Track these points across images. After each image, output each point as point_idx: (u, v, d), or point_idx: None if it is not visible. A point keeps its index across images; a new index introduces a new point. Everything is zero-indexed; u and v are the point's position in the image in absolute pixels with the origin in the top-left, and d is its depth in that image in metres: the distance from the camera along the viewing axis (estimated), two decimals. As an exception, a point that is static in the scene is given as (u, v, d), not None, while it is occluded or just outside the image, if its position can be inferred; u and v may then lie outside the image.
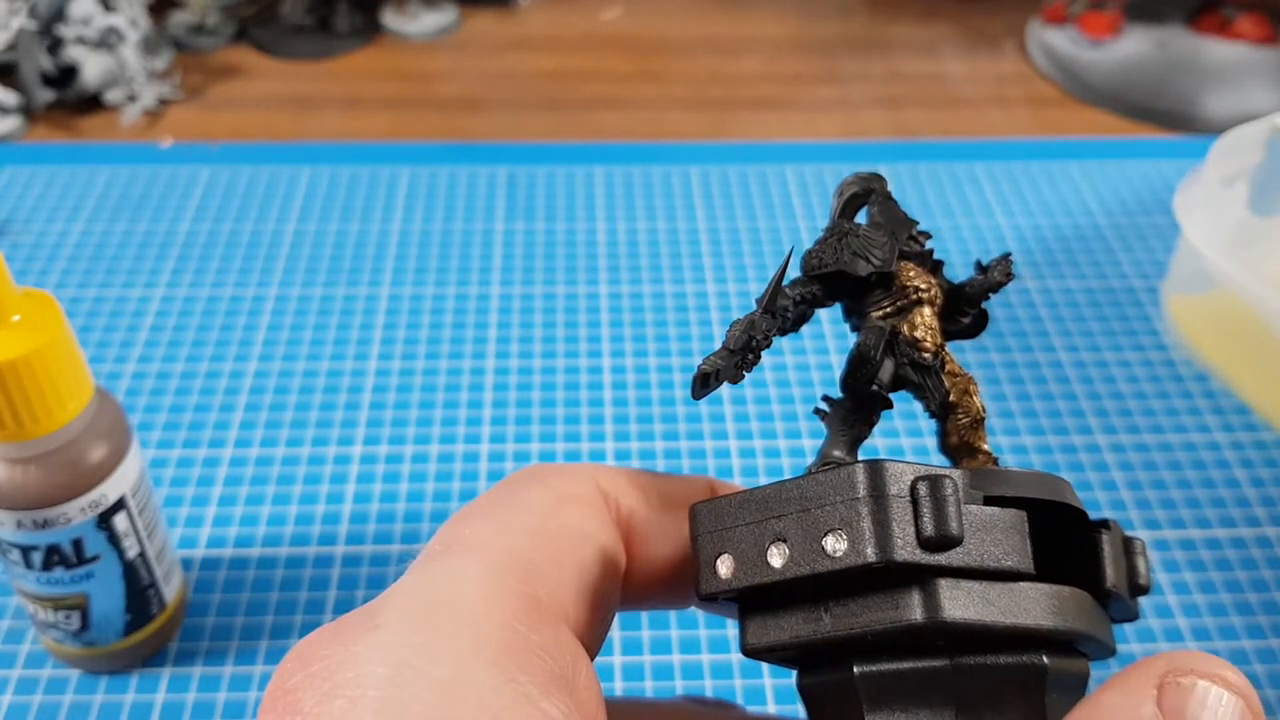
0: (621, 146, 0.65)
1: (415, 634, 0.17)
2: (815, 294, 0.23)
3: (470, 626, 0.17)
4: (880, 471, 0.18)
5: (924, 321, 0.22)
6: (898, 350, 0.22)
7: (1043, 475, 0.20)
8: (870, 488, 0.18)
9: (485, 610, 0.18)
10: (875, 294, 0.23)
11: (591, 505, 0.21)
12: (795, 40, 0.77)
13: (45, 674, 0.38)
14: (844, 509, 0.18)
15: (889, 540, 0.18)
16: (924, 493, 0.18)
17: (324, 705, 0.16)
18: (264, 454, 0.46)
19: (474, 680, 0.16)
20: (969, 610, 0.18)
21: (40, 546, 0.33)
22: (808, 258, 0.23)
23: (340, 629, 0.18)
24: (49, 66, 0.65)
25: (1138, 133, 0.68)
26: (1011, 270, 0.23)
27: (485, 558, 0.19)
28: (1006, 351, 0.51)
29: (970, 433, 0.22)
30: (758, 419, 0.48)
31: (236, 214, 0.59)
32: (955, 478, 0.18)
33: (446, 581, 0.18)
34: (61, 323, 0.31)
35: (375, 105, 0.69)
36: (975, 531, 0.18)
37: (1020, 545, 0.19)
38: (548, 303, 0.53)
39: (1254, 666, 0.39)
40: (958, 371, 0.22)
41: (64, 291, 0.53)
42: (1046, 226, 0.59)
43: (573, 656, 0.19)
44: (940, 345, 0.22)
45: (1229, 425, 0.48)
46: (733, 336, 0.22)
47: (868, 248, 0.22)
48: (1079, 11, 0.74)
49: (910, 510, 0.18)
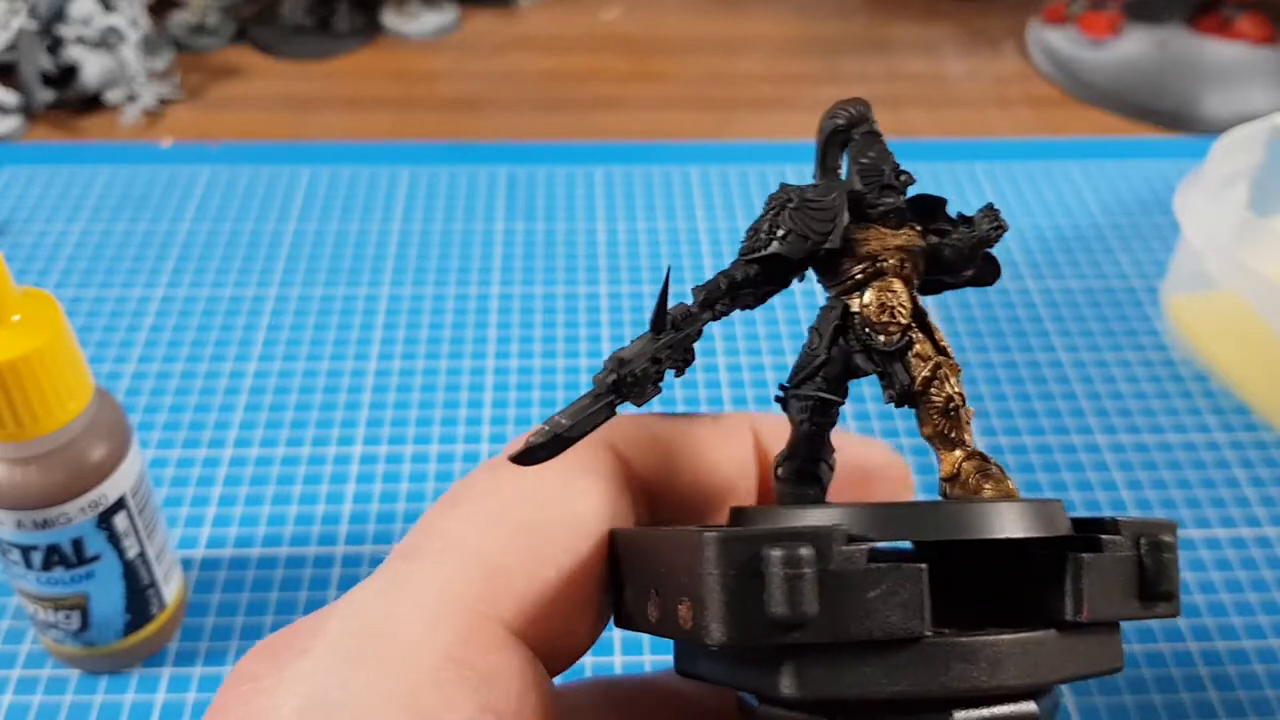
0: (621, 146, 0.65)
1: (338, 664, 0.17)
2: (752, 277, 0.20)
3: (398, 658, 0.17)
4: (727, 543, 0.16)
5: (884, 298, 0.20)
6: (851, 333, 0.20)
7: (974, 507, 0.18)
8: (716, 561, 0.16)
9: (420, 639, 0.17)
10: (840, 263, 0.20)
11: (600, 482, 0.20)
12: (795, 40, 0.77)
13: (45, 674, 0.38)
14: (695, 578, 0.17)
15: (731, 621, 0.16)
16: (774, 565, 0.16)
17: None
18: (264, 454, 0.46)
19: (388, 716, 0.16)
20: (838, 686, 0.16)
21: (40, 546, 0.33)
22: (748, 235, 0.20)
23: (276, 647, 0.18)
24: (49, 66, 0.65)
25: (1138, 133, 0.68)
26: (1000, 220, 0.20)
27: (446, 567, 0.18)
28: (1006, 351, 0.51)
29: (945, 423, 0.20)
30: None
31: (236, 214, 0.59)
32: (819, 541, 0.16)
33: (391, 601, 0.18)
34: (61, 323, 0.31)
35: (375, 105, 0.69)
36: (847, 598, 0.16)
37: (910, 605, 0.16)
38: (548, 303, 0.53)
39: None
40: (927, 354, 0.20)
41: (64, 291, 0.53)
42: (1046, 226, 0.59)
43: (521, 685, 0.18)
44: (907, 323, 0.20)
45: (1229, 425, 0.48)
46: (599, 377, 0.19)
47: (807, 222, 0.19)
48: (1079, 11, 0.74)
49: (759, 585, 0.16)
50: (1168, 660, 0.39)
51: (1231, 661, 0.39)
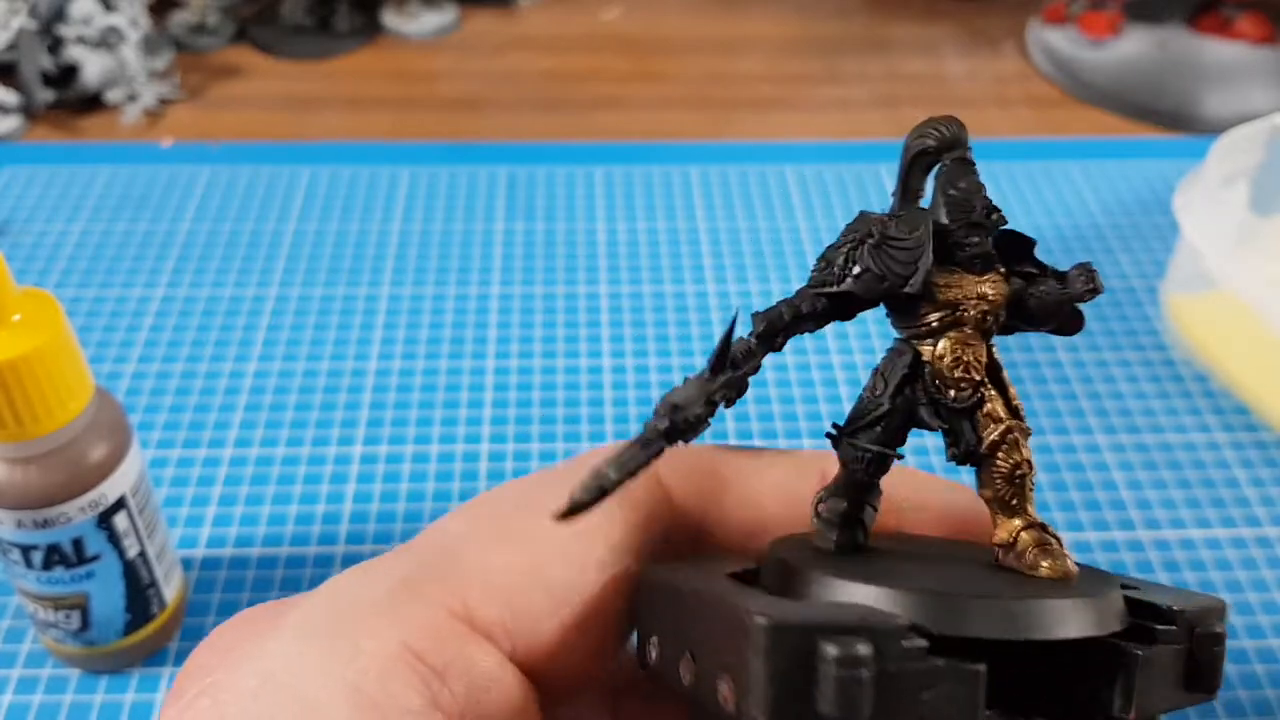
0: (621, 146, 0.65)
1: (297, 644, 0.17)
2: (818, 311, 0.19)
3: (353, 645, 0.17)
4: (782, 632, 0.15)
5: (960, 350, 0.18)
6: (920, 384, 0.18)
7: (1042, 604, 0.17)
8: (767, 649, 0.15)
9: (381, 627, 0.17)
10: (917, 306, 0.18)
11: (623, 510, 0.20)
12: (795, 40, 0.77)
13: (45, 674, 0.38)
14: (741, 658, 0.15)
15: (776, 714, 0.15)
16: (829, 660, 0.15)
17: (196, 700, 0.17)
18: (264, 454, 0.46)
19: (332, 704, 0.17)
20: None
21: (40, 546, 0.33)
22: (818, 265, 0.19)
23: (252, 618, 0.18)
24: (49, 66, 0.65)
25: (1138, 133, 0.68)
26: (1097, 282, 0.18)
27: (424, 562, 0.19)
28: (1007, 351, 0.51)
29: (1009, 489, 0.18)
30: (758, 419, 0.48)
31: (236, 214, 0.59)
32: (881, 638, 0.15)
33: (364, 585, 0.18)
34: (61, 323, 0.31)
35: (375, 105, 0.69)
36: (902, 701, 0.15)
37: (965, 710, 0.16)
38: (548, 303, 0.53)
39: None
40: (999, 416, 0.18)
41: (64, 291, 0.53)
42: (1046, 226, 0.59)
43: (481, 685, 0.18)
44: (980, 379, 0.18)
45: (1229, 425, 0.48)
46: (649, 427, 0.18)
47: (887, 262, 0.18)
48: (1079, 11, 0.74)
49: (810, 680, 0.15)
50: (1168, 660, 0.39)
51: (1232, 661, 0.39)
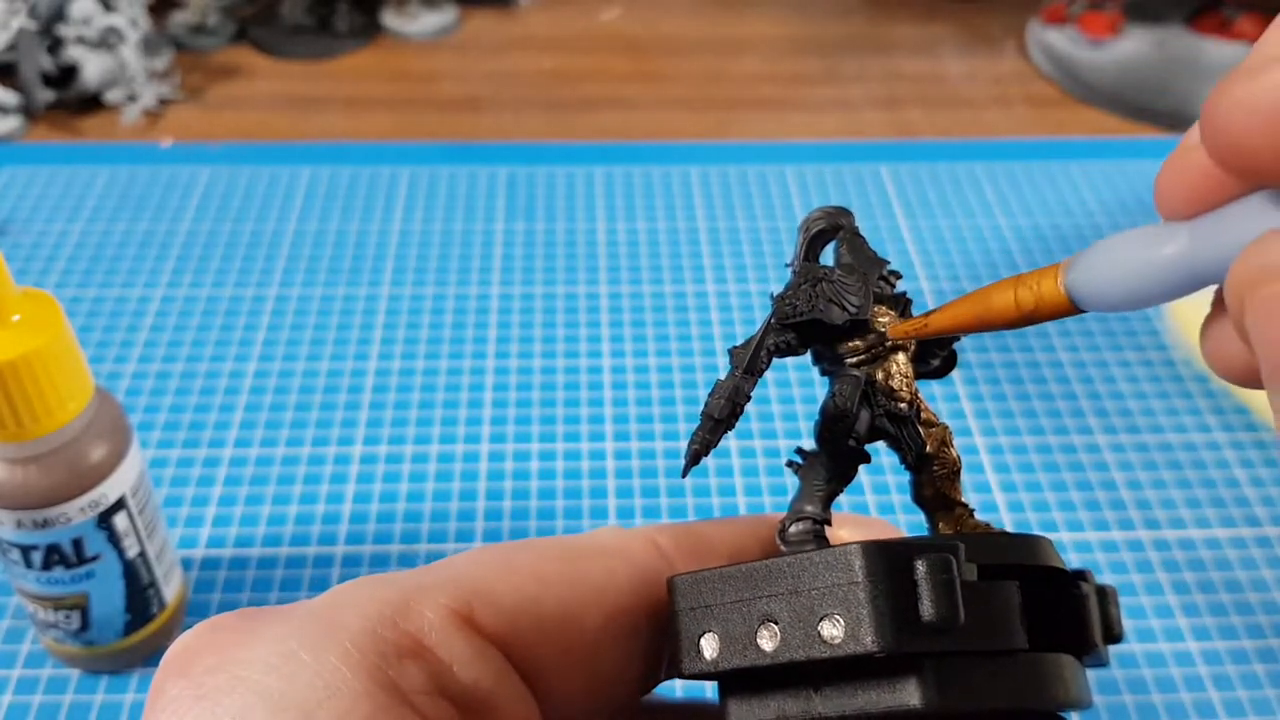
0: (621, 146, 0.65)
1: (285, 623, 0.18)
2: (790, 343, 0.22)
3: (328, 628, 0.18)
4: (878, 553, 0.17)
5: (899, 369, 0.22)
6: (873, 400, 0.22)
7: (1023, 537, 0.20)
8: (868, 571, 0.17)
9: (356, 616, 0.18)
10: (849, 340, 0.22)
11: (630, 564, 0.21)
12: (795, 40, 0.77)
13: (45, 674, 0.38)
14: (841, 592, 0.17)
15: (889, 628, 0.17)
16: (923, 573, 0.17)
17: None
18: (264, 454, 0.46)
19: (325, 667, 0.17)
20: (968, 697, 0.17)
21: (40, 546, 0.33)
22: (779, 304, 0.22)
23: (248, 614, 0.19)
24: (49, 66, 0.65)
25: (1138, 133, 0.68)
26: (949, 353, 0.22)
27: (424, 571, 0.19)
28: (1006, 351, 0.51)
29: (947, 484, 0.22)
30: (758, 419, 0.48)
31: (236, 214, 0.59)
32: (954, 553, 0.17)
33: (363, 583, 0.19)
34: (61, 323, 0.31)
35: (375, 105, 0.69)
36: (974, 609, 0.17)
37: (1014, 620, 0.18)
38: (548, 303, 0.53)
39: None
40: (933, 421, 0.22)
41: (64, 291, 0.53)
42: (1046, 226, 0.59)
43: (436, 673, 0.18)
44: (915, 393, 0.22)
45: (1229, 425, 0.48)
46: (716, 405, 0.21)
47: (842, 294, 0.21)
48: (1079, 11, 0.74)
49: (911, 593, 0.17)
50: (1168, 660, 0.39)
51: (1232, 662, 0.39)
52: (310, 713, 0.16)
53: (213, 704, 0.17)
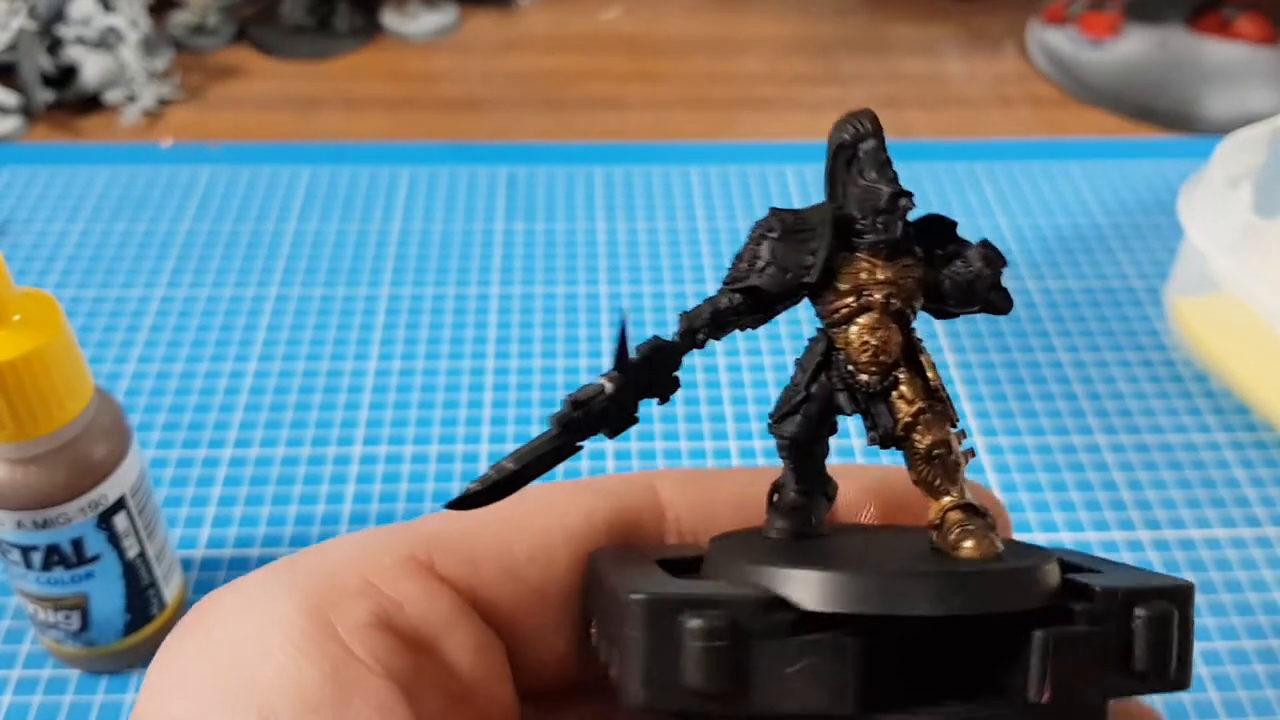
0: (621, 146, 0.65)
1: (265, 578, 0.19)
2: (737, 306, 0.19)
3: (305, 578, 0.18)
4: (651, 605, 0.16)
5: (868, 335, 0.18)
6: (835, 370, 0.19)
7: (985, 572, 0.17)
8: (640, 622, 0.16)
9: (336, 566, 0.19)
10: (827, 296, 0.19)
11: (607, 500, 0.21)
12: (795, 40, 0.77)
13: (45, 674, 0.38)
14: (624, 637, 0.17)
15: (643, 687, 0.16)
16: (689, 634, 0.16)
17: None
18: (264, 454, 0.46)
19: (272, 632, 0.18)
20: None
21: (40, 546, 0.33)
22: (734, 261, 0.19)
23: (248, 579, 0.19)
24: (49, 66, 0.65)
25: (1138, 133, 0.68)
26: (993, 256, 0.19)
27: (384, 529, 0.20)
28: (1006, 351, 0.51)
29: (929, 470, 0.18)
30: (758, 419, 0.48)
31: (236, 214, 0.59)
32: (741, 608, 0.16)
33: (331, 546, 0.19)
34: (61, 323, 0.31)
35: (375, 105, 0.69)
36: (769, 671, 0.16)
37: (837, 683, 0.16)
38: (548, 303, 0.53)
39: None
40: (912, 398, 0.18)
41: (64, 291, 0.53)
42: (1046, 226, 0.59)
43: (444, 620, 0.19)
44: (893, 362, 0.18)
45: (1229, 425, 0.48)
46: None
47: (787, 254, 0.18)
48: (1079, 11, 0.74)
49: (676, 654, 0.16)
50: (1168, 660, 0.39)
51: (1232, 662, 0.39)
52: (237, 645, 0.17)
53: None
